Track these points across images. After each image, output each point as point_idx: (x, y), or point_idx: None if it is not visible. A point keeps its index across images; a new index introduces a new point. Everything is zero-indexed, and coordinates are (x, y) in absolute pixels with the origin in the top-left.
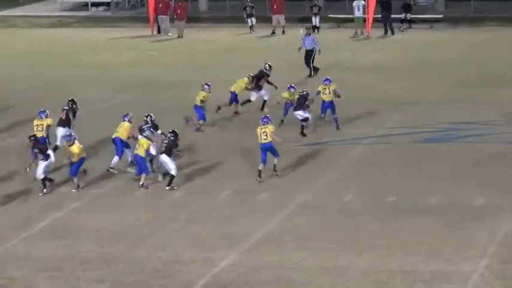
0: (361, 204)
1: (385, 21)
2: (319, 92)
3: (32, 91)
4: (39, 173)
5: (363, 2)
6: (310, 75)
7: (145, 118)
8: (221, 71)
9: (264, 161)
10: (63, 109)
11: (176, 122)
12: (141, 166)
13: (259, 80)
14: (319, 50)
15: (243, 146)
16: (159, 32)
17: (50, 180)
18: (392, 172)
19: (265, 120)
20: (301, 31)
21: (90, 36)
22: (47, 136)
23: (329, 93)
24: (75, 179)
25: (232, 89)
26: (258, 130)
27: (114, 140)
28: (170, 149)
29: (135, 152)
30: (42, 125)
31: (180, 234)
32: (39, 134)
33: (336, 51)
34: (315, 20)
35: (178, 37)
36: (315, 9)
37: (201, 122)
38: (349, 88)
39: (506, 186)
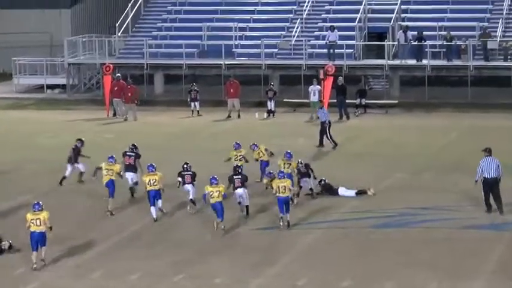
0: None
1: (340, 106)
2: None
3: None
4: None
5: (318, 87)
6: (334, 147)
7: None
8: (174, 154)
9: (283, 212)
10: (128, 155)
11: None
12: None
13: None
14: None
15: None
16: (114, 114)
17: None
18: (347, 257)
19: (281, 174)
20: (257, 115)
21: (46, 119)
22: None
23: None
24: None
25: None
26: (276, 183)
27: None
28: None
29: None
30: (112, 169)
31: None
32: (107, 178)
33: (291, 135)
34: (270, 104)
35: (126, 120)
36: (270, 94)
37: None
38: None
39: (458, 271)
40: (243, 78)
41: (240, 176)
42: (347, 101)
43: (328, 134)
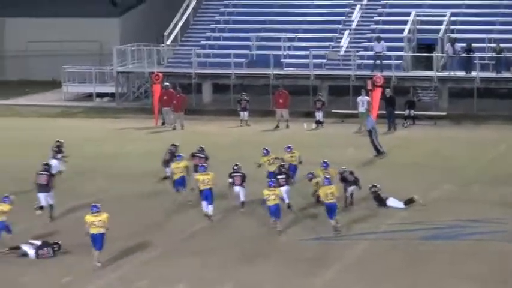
0: None
1: (389, 118)
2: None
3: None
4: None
5: (367, 97)
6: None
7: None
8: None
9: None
10: (196, 156)
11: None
12: None
13: None
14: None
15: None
16: (163, 123)
17: None
18: (396, 269)
19: (327, 181)
20: (305, 126)
21: (95, 127)
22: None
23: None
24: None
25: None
26: (324, 190)
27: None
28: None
29: None
30: (179, 167)
31: None
32: (178, 176)
33: (339, 146)
34: (319, 115)
35: (174, 129)
36: (319, 104)
37: None
38: None
39: (509, 285)
40: (292, 88)
41: (284, 176)
42: (396, 112)
43: (373, 141)
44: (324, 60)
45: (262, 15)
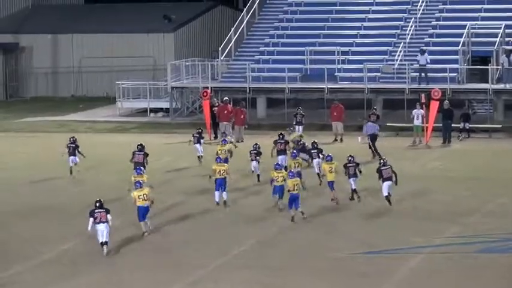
0: None
1: (446, 130)
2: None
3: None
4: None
5: (422, 111)
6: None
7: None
8: None
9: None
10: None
11: None
12: None
13: None
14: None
15: None
16: (216, 137)
17: None
18: (452, 283)
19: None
20: (359, 139)
21: (149, 142)
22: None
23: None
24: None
25: None
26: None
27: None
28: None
29: None
30: (223, 149)
31: None
32: (223, 156)
33: (394, 159)
34: None
35: (238, 141)
36: (373, 118)
37: None
38: (407, 197)
39: None
40: (346, 102)
41: (316, 150)
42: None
43: (374, 145)
44: (379, 74)
45: (316, 29)
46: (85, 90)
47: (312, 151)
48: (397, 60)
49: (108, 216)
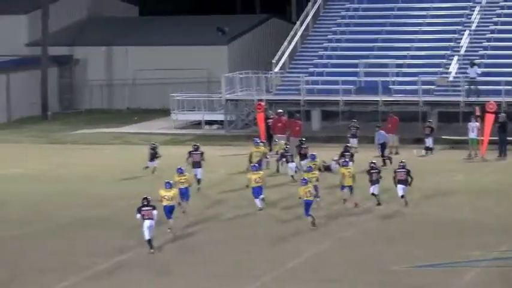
0: None
1: (502, 143)
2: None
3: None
4: None
5: (477, 123)
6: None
7: None
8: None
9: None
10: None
11: None
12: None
13: None
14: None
15: None
16: (270, 150)
17: None
18: None
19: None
20: (415, 152)
21: (205, 154)
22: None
23: None
24: None
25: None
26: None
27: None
28: None
29: None
30: (259, 151)
31: None
32: (257, 159)
33: (449, 172)
34: (428, 141)
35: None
36: (428, 130)
37: None
38: (462, 210)
39: None
40: (401, 114)
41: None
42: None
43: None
44: (433, 86)
45: (369, 41)
46: (139, 102)
47: (345, 153)
48: (451, 72)
49: (154, 212)
